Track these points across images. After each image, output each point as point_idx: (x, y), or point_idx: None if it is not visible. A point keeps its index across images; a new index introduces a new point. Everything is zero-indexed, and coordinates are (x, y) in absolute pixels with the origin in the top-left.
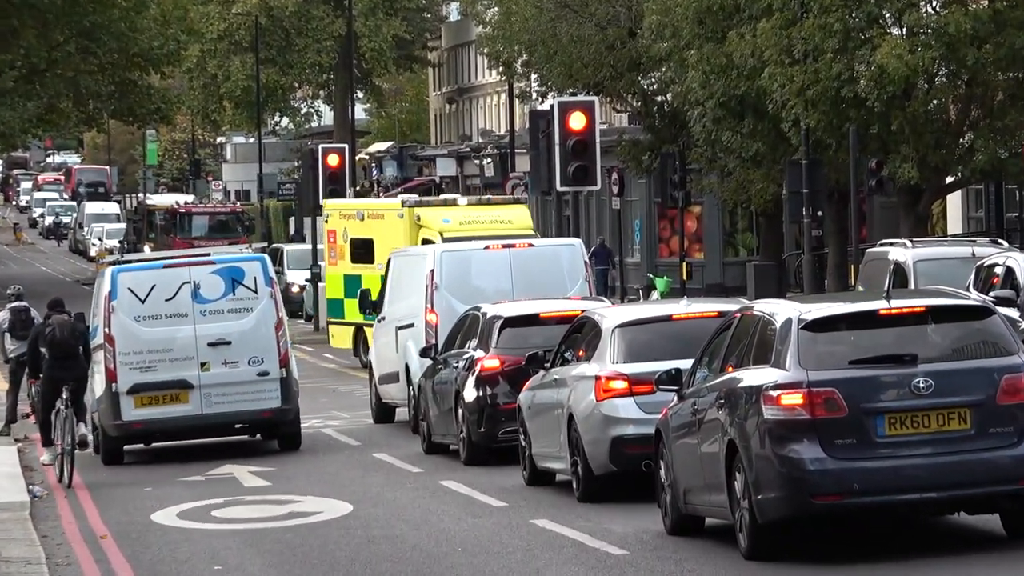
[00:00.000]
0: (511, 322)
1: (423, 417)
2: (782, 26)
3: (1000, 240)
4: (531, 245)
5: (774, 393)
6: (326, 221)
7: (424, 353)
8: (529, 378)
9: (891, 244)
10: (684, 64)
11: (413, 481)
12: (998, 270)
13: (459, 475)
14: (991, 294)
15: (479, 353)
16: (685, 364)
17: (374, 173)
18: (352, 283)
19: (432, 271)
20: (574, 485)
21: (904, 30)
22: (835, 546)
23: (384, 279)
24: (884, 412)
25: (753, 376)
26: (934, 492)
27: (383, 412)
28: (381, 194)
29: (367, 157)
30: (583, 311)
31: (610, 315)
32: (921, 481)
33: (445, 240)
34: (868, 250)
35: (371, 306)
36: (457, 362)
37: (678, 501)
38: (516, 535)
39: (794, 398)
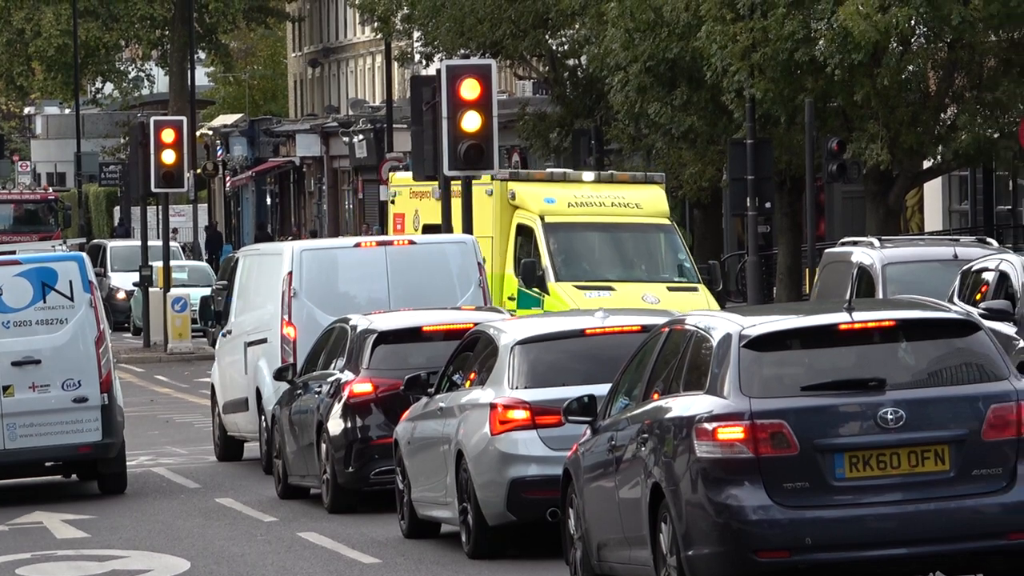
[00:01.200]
0: (386, 337)
1: (278, 454)
2: None
3: (989, 239)
4: (412, 243)
5: (709, 426)
6: (392, 202)
7: (280, 375)
8: (409, 406)
9: (855, 243)
10: (602, 20)
11: (265, 532)
12: (987, 276)
13: (322, 525)
14: (982, 305)
15: (347, 375)
16: (600, 390)
17: (219, 153)
18: None
19: (289, 274)
20: (463, 538)
21: None
22: None
23: (230, 283)
24: (844, 450)
25: (684, 405)
26: (904, 548)
27: (229, 447)
28: (228, 178)
29: (211, 133)
30: (476, 324)
31: (509, 329)
32: (888, 534)
33: (546, 227)
34: (827, 251)
35: (214, 316)
36: (320, 386)
37: (590, 558)
38: None
39: (734, 432)
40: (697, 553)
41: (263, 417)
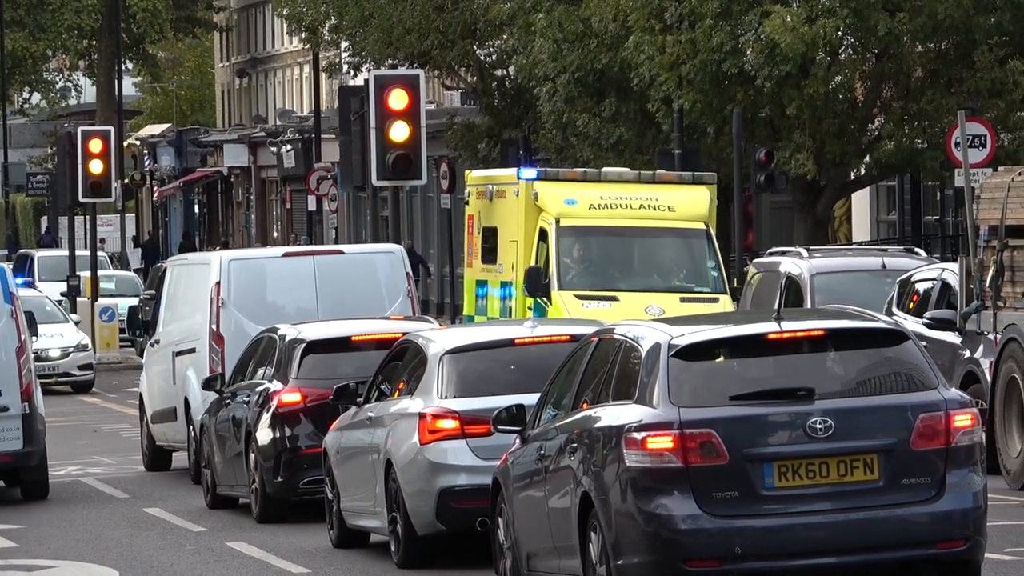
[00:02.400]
0: (315, 347)
1: (207, 464)
2: None
3: (917, 249)
4: (341, 252)
5: (639, 435)
6: (467, 203)
7: (208, 385)
8: (338, 416)
9: (783, 253)
10: (530, 30)
11: (194, 542)
12: (922, 287)
13: (251, 535)
14: (927, 315)
15: (276, 385)
16: (530, 399)
17: (147, 163)
18: (481, 293)
19: (218, 284)
20: (392, 547)
21: None
22: None
23: (159, 292)
24: (773, 459)
25: (613, 414)
26: (834, 557)
27: (157, 457)
28: (155, 188)
29: (138, 143)
30: (405, 333)
31: (438, 339)
32: (818, 543)
33: (560, 231)
34: (755, 260)
35: (142, 326)
36: (248, 396)
37: (520, 567)
38: None
39: (663, 441)
40: (627, 562)
41: (191, 427)
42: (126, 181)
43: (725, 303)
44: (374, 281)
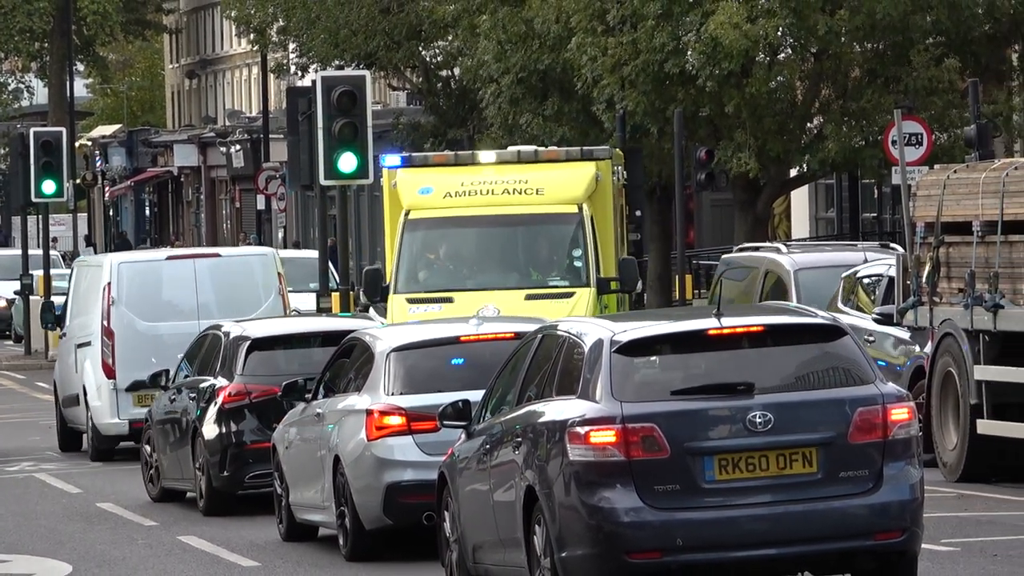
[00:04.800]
0: (261, 343)
1: (155, 460)
2: None
3: (893, 244)
4: (218, 255)
5: (582, 430)
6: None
7: (153, 381)
8: (282, 411)
9: (756, 248)
10: (475, 32)
11: (145, 536)
12: (869, 283)
13: (201, 528)
14: (876, 310)
15: (221, 381)
16: (475, 396)
17: (98, 163)
18: None
19: (108, 284)
20: (341, 541)
21: None
22: None
23: (68, 289)
24: (713, 452)
25: (556, 409)
26: (773, 548)
27: (69, 437)
28: (107, 188)
29: (90, 143)
30: (352, 330)
31: (385, 336)
32: (758, 535)
33: (409, 223)
34: (725, 256)
35: (53, 320)
36: (194, 392)
37: (466, 560)
38: None
39: (606, 436)
40: (570, 555)
41: (89, 412)
42: (78, 181)
43: (582, 298)
44: (251, 281)
